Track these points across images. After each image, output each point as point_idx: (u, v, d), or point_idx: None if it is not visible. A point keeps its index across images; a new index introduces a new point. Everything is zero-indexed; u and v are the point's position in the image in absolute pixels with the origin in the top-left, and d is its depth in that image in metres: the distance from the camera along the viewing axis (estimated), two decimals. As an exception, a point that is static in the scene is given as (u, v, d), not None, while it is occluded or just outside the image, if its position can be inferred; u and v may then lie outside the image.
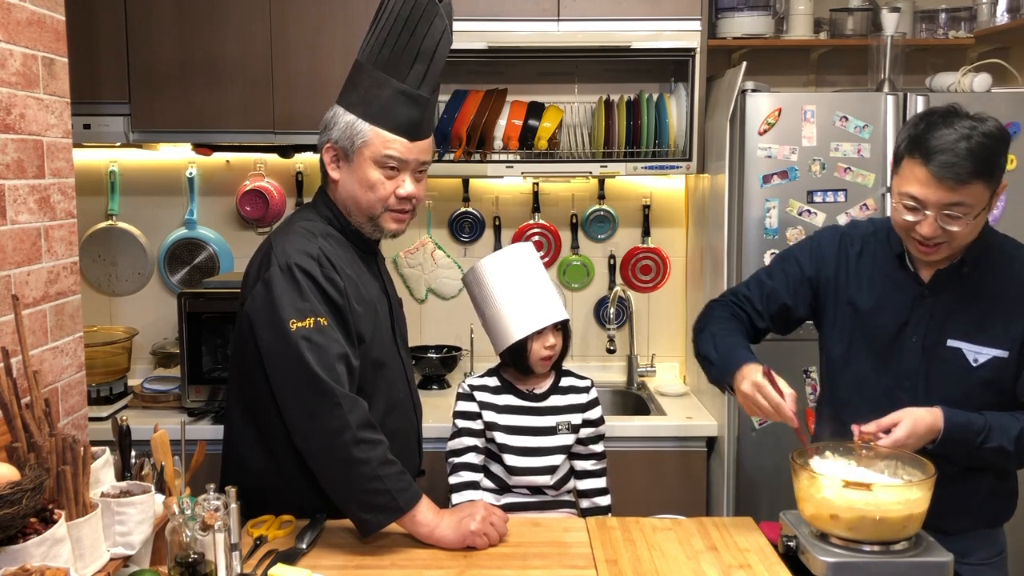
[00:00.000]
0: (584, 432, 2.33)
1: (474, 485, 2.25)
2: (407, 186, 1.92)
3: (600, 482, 2.35)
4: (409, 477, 1.85)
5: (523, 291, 2.24)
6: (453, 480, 2.25)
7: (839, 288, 2.01)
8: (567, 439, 2.30)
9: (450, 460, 2.28)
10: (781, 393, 1.81)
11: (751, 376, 1.84)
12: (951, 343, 1.90)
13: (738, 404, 2.79)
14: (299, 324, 1.77)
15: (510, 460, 2.26)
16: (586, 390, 2.35)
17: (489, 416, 2.27)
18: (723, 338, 2.01)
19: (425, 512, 1.82)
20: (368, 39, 1.93)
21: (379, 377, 1.96)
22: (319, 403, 1.76)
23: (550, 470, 2.28)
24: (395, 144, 1.89)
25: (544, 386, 2.34)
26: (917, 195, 1.78)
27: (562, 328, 2.30)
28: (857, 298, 1.98)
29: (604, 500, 2.34)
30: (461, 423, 2.29)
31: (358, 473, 1.76)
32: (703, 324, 2.10)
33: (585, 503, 2.35)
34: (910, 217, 1.81)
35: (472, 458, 2.26)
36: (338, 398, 1.76)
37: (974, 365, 1.88)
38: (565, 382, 2.35)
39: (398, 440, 2.01)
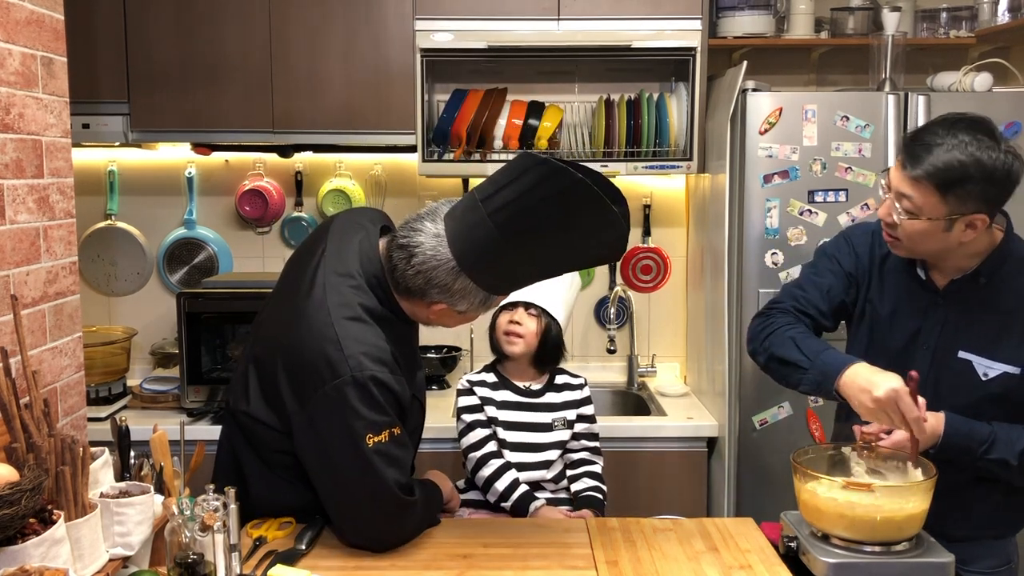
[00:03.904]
0: (579, 427, 2.36)
1: (508, 466, 2.26)
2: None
3: (596, 468, 2.37)
4: (435, 502, 1.98)
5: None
6: (486, 472, 2.25)
7: (867, 290, 1.99)
8: (563, 435, 2.34)
9: (471, 456, 2.28)
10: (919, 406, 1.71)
11: (891, 382, 1.69)
12: (962, 355, 1.87)
13: (740, 402, 2.83)
14: (375, 439, 1.71)
15: (509, 456, 2.28)
16: (580, 387, 2.41)
17: (490, 411, 2.30)
18: (804, 340, 1.89)
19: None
20: (509, 210, 1.63)
21: (412, 408, 1.93)
22: (383, 510, 1.77)
23: (546, 465, 2.31)
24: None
25: (540, 382, 2.37)
26: (890, 173, 1.80)
27: (543, 318, 2.30)
28: (878, 302, 1.96)
29: (601, 484, 2.35)
30: (469, 417, 2.30)
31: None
32: (769, 330, 1.97)
33: (580, 485, 2.34)
34: (881, 193, 1.83)
35: (493, 446, 2.28)
36: (405, 509, 1.78)
37: (984, 379, 1.85)
38: (560, 380, 2.40)
39: None
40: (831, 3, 3.32)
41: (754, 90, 2.80)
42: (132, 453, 1.78)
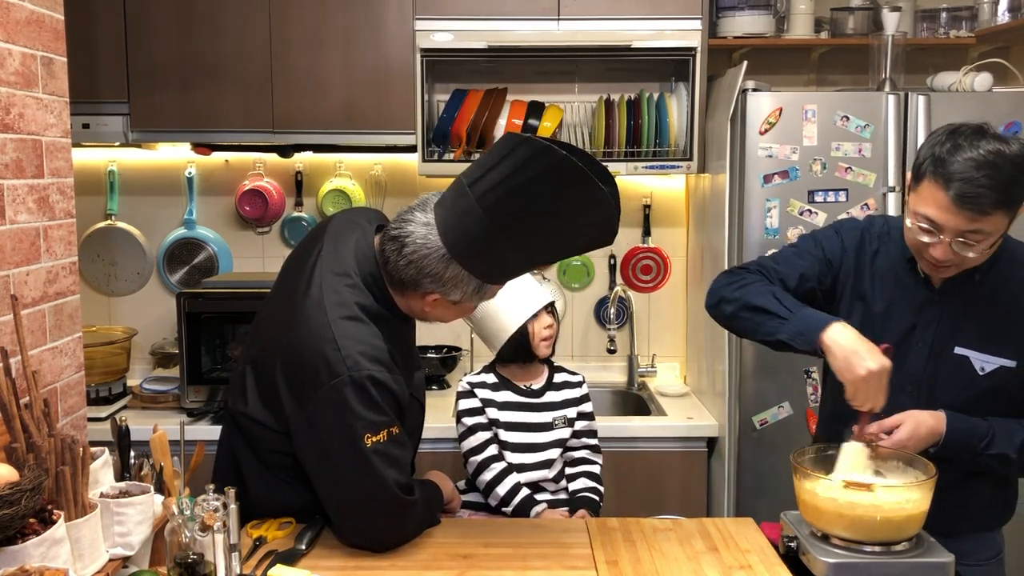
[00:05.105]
0: (579, 425, 2.36)
1: (509, 470, 2.26)
2: None
3: (594, 468, 2.37)
4: (435, 502, 1.98)
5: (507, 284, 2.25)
6: (487, 476, 2.25)
7: (854, 285, 1.97)
8: (563, 433, 2.34)
9: (472, 460, 2.28)
10: None
11: (883, 359, 1.70)
12: (958, 350, 1.87)
13: (740, 402, 2.82)
14: (374, 439, 1.70)
15: (511, 457, 2.28)
16: (579, 385, 2.42)
17: (492, 413, 2.30)
18: (784, 296, 1.88)
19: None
20: (497, 192, 1.63)
21: (411, 408, 1.93)
22: (383, 510, 1.76)
23: (547, 464, 2.31)
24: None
25: (540, 382, 2.37)
26: (935, 219, 1.72)
27: (552, 310, 2.34)
28: (870, 298, 1.95)
29: (598, 485, 2.35)
30: (470, 420, 2.30)
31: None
32: (743, 282, 1.96)
33: (576, 485, 2.34)
34: (925, 239, 1.75)
35: (494, 450, 2.27)
36: (405, 509, 1.78)
37: (980, 373, 1.85)
38: (559, 378, 2.40)
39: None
40: (831, 3, 3.32)
41: (754, 90, 2.80)
42: (132, 453, 1.78)
